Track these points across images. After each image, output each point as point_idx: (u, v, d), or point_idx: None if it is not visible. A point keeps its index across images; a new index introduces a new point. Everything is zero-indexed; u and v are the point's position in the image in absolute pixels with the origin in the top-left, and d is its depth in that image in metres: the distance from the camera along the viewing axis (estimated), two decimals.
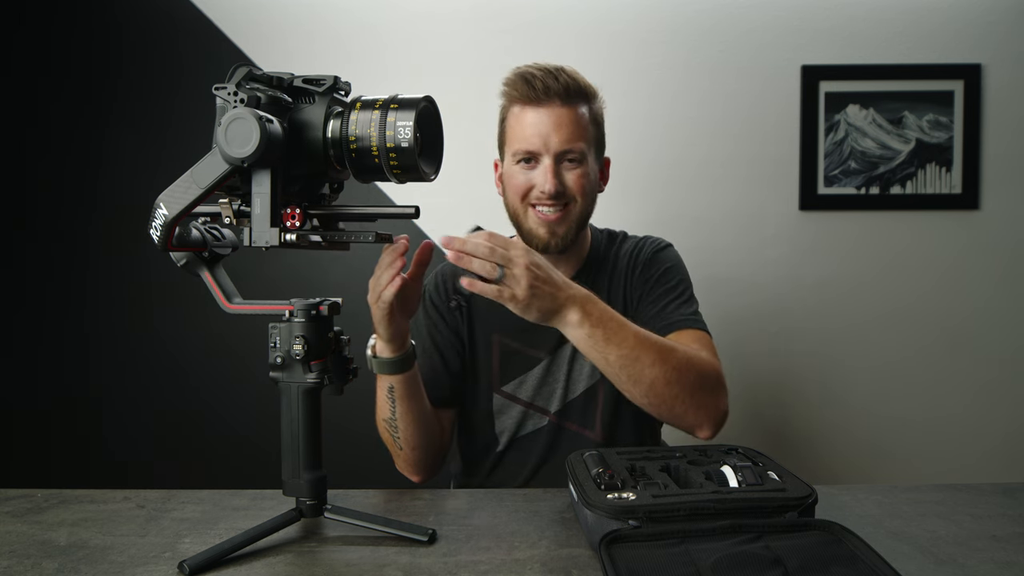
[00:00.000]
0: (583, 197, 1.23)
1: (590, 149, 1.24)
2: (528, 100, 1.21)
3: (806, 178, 1.97)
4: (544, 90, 1.19)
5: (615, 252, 1.34)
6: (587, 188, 1.23)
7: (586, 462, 0.93)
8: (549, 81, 1.19)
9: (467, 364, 1.32)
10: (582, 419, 1.28)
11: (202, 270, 0.87)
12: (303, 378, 0.84)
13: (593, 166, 1.26)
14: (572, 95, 1.20)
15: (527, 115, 1.21)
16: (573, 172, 1.22)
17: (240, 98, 0.77)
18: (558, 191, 1.20)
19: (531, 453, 1.29)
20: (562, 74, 1.20)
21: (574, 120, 1.20)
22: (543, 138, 1.20)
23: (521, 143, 1.22)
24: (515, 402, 1.29)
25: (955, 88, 1.95)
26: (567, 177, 1.22)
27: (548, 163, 1.20)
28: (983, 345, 1.99)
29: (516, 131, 1.23)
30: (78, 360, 2.05)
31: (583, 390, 1.27)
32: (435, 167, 0.89)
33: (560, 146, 1.20)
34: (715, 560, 0.70)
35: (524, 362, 1.29)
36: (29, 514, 0.95)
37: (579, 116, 1.21)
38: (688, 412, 1.08)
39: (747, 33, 1.97)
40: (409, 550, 0.83)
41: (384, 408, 1.14)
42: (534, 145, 1.20)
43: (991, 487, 1.03)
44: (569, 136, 1.20)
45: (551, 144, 1.20)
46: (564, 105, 1.20)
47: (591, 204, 1.27)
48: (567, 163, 1.22)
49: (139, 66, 2.01)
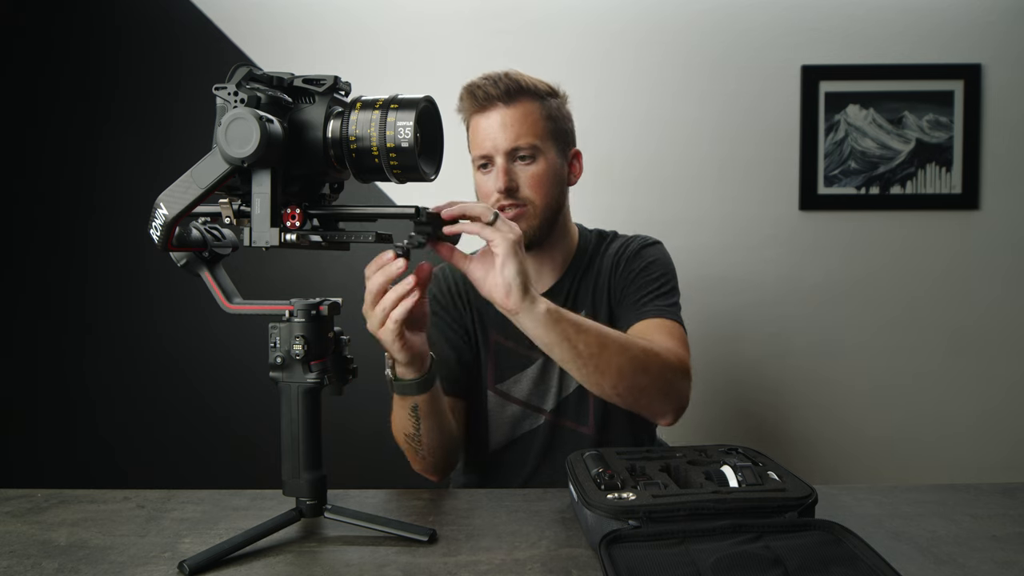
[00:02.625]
0: (540, 195, 1.25)
1: (546, 144, 1.26)
2: (475, 109, 1.26)
3: (806, 178, 1.97)
4: (485, 97, 1.24)
5: (603, 252, 1.35)
6: (545, 184, 1.25)
7: (586, 462, 0.93)
8: (488, 88, 1.24)
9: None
10: (576, 415, 1.28)
11: (202, 270, 0.87)
12: (303, 378, 0.84)
13: (555, 160, 1.27)
14: (514, 95, 1.24)
15: (479, 123, 1.26)
16: (527, 170, 1.24)
17: (240, 98, 0.77)
18: (509, 187, 1.23)
19: (529, 452, 1.29)
20: (504, 79, 1.24)
21: (519, 119, 1.23)
22: (492, 140, 1.24)
23: (476, 149, 1.27)
24: (510, 401, 1.30)
25: (955, 88, 1.95)
26: (520, 175, 1.24)
27: (500, 162, 1.24)
28: (983, 345, 1.99)
29: (473, 140, 1.28)
30: (78, 360, 2.05)
31: (577, 385, 1.27)
32: (435, 167, 0.89)
33: (507, 144, 1.23)
34: (715, 560, 0.70)
35: (519, 361, 1.30)
36: (29, 514, 0.95)
37: (526, 114, 1.24)
38: (654, 401, 1.11)
39: (747, 33, 1.97)
40: (409, 550, 0.83)
41: (406, 425, 1.12)
42: (485, 148, 1.25)
43: (991, 487, 1.03)
44: (515, 134, 1.23)
45: (499, 144, 1.23)
46: (508, 106, 1.24)
47: (555, 199, 1.28)
48: (519, 161, 1.25)
49: (139, 66, 2.01)
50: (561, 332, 1.00)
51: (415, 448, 1.15)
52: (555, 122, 1.28)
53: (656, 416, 1.14)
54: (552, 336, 1.00)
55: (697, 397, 1.18)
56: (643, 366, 1.07)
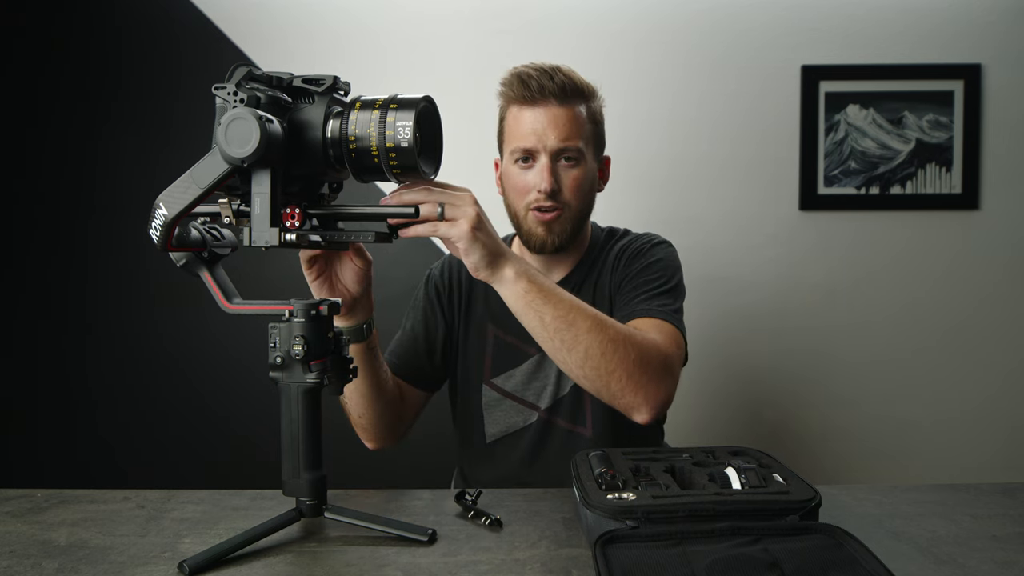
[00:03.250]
0: (578, 199, 1.24)
1: (588, 148, 1.24)
2: (524, 100, 1.22)
3: (806, 178, 1.97)
4: (539, 89, 1.20)
5: (609, 247, 1.34)
6: (583, 189, 1.24)
7: (590, 462, 0.93)
8: (544, 81, 1.20)
9: (459, 356, 1.34)
10: (572, 416, 1.28)
11: (202, 270, 0.87)
12: (303, 378, 0.84)
13: (591, 165, 1.26)
14: (568, 94, 1.21)
15: (524, 114, 1.22)
16: (570, 173, 1.23)
17: (240, 98, 0.77)
18: (553, 189, 1.21)
19: (519, 448, 1.30)
20: (558, 73, 1.21)
21: (570, 119, 1.21)
22: (539, 136, 1.21)
23: (519, 141, 1.23)
24: (504, 396, 1.31)
25: (955, 88, 1.95)
26: (563, 177, 1.22)
27: (545, 161, 1.21)
28: (983, 345, 1.99)
29: (514, 130, 1.24)
30: (78, 360, 2.05)
31: (572, 385, 1.27)
32: (435, 167, 0.90)
33: (556, 144, 1.20)
34: (711, 562, 0.69)
35: (515, 356, 1.30)
36: (29, 514, 0.95)
37: (576, 115, 1.22)
38: (626, 391, 1.05)
39: (747, 33, 1.97)
40: (409, 550, 0.83)
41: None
42: (531, 143, 1.21)
43: (991, 487, 1.02)
44: (565, 134, 1.20)
45: (547, 142, 1.20)
46: (560, 104, 1.21)
47: (588, 204, 1.27)
48: (564, 162, 1.22)
49: (139, 66, 2.01)
50: (528, 301, 1.00)
51: (343, 401, 1.20)
52: (595, 126, 1.27)
53: (629, 410, 1.08)
54: (519, 304, 1.01)
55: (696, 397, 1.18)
56: (615, 350, 1.02)
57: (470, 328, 1.34)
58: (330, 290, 1.01)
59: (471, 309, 1.34)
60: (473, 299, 1.34)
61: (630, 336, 1.06)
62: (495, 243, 0.98)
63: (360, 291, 1.02)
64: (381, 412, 1.20)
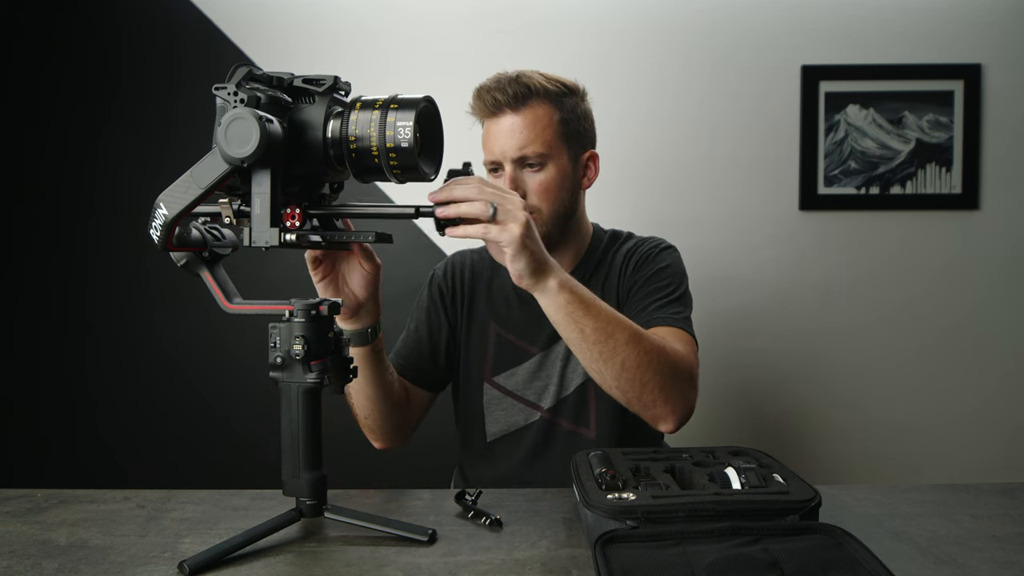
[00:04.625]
0: (547, 202, 1.23)
1: (557, 149, 1.24)
2: (485, 114, 1.25)
3: (806, 178, 1.97)
4: (494, 103, 1.22)
5: (615, 251, 1.34)
6: (551, 191, 1.24)
7: (591, 462, 0.93)
8: (496, 93, 1.21)
9: (461, 355, 1.34)
10: (575, 417, 1.28)
11: (202, 270, 0.87)
12: (303, 378, 0.84)
13: (566, 165, 1.25)
14: (523, 100, 1.21)
15: (490, 127, 1.25)
16: (535, 178, 1.23)
17: (240, 98, 0.77)
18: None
19: (520, 447, 1.30)
20: (513, 83, 1.21)
21: (528, 124, 1.21)
22: (500, 147, 1.23)
23: (486, 155, 1.26)
24: (505, 394, 1.31)
25: (955, 88, 1.95)
26: (528, 182, 1.23)
27: (508, 171, 1.23)
28: (983, 345, 1.99)
29: (485, 143, 1.27)
30: (78, 360, 2.05)
31: (576, 386, 1.27)
32: (435, 167, 0.89)
33: (515, 153, 1.22)
34: (711, 562, 0.69)
35: (517, 355, 1.31)
36: (29, 514, 0.95)
37: (535, 120, 1.22)
38: (657, 402, 1.06)
39: (747, 33, 1.97)
40: (409, 550, 0.83)
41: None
42: (495, 155, 1.24)
43: (991, 487, 1.03)
44: (522, 142, 1.21)
45: (506, 152, 1.22)
46: (516, 112, 1.22)
47: (563, 204, 1.26)
48: (528, 168, 1.23)
49: (139, 66, 2.01)
50: (569, 312, 1.00)
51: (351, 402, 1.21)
52: (568, 124, 1.25)
53: (657, 420, 1.09)
54: (560, 315, 1.01)
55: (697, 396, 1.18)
56: (650, 363, 1.04)
57: (472, 327, 1.34)
58: (335, 293, 1.01)
59: (473, 308, 1.34)
60: (475, 298, 1.35)
61: (663, 348, 1.07)
62: (542, 252, 0.98)
63: (367, 295, 1.02)
64: (387, 414, 1.21)
